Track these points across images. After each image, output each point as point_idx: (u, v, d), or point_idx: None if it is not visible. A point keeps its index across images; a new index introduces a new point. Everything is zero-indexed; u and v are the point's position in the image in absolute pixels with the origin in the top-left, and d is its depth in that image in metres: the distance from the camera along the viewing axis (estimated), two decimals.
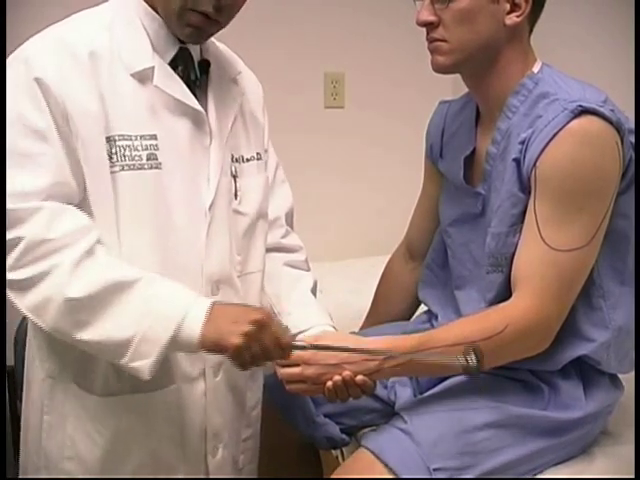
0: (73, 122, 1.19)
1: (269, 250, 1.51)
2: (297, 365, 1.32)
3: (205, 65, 1.35)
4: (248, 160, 1.41)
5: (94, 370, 1.28)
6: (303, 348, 1.27)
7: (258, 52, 2.47)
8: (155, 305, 1.18)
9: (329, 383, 1.31)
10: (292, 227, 1.61)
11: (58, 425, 1.32)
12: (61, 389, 1.32)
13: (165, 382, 1.30)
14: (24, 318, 1.87)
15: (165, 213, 1.26)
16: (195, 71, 1.33)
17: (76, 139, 1.19)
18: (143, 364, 1.18)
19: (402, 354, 1.30)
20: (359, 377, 1.30)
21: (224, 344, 1.18)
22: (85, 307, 1.16)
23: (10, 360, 1.91)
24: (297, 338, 1.35)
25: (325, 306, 1.51)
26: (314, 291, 1.54)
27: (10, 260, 1.15)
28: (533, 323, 1.31)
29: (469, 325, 1.35)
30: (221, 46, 1.43)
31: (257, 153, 1.44)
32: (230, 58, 1.43)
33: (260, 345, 1.20)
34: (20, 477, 1.44)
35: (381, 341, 1.35)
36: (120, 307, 1.17)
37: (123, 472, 1.33)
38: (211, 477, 1.41)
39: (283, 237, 1.56)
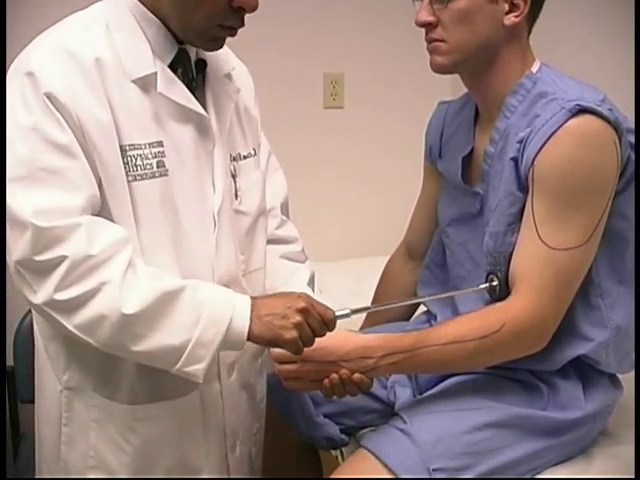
0: (89, 134, 1.16)
1: None
2: (295, 362, 1.32)
3: (202, 64, 1.33)
4: (245, 157, 1.41)
5: (118, 379, 1.28)
6: (346, 316, 1.30)
7: (257, 52, 2.46)
8: (204, 310, 1.20)
9: (326, 381, 1.31)
10: (287, 216, 1.60)
11: (79, 436, 1.31)
12: (81, 400, 1.31)
13: (189, 388, 1.31)
14: (24, 318, 1.89)
15: (175, 219, 1.25)
16: (192, 71, 1.31)
17: (93, 151, 1.17)
18: (197, 368, 1.20)
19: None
20: (356, 375, 1.31)
21: (281, 340, 1.23)
22: (140, 321, 1.16)
23: (10, 360, 1.91)
24: None
25: (323, 299, 1.51)
26: (311, 283, 1.54)
27: (54, 280, 1.13)
28: (530, 322, 1.32)
29: (466, 324, 1.35)
30: None
31: (253, 149, 1.43)
32: (223, 53, 1.39)
33: (310, 329, 1.24)
34: (21, 477, 1.44)
35: (378, 338, 1.35)
36: (173, 317, 1.18)
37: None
38: (211, 477, 1.41)
39: (277, 228, 1.56)
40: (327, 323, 1.26)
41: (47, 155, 1.14)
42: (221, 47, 1.29)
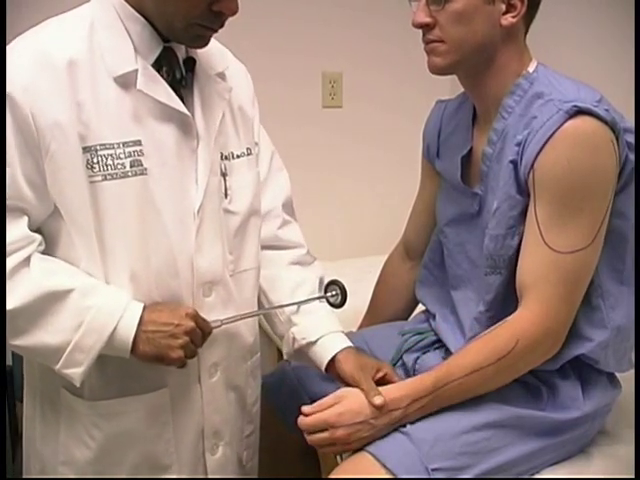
0: (43, 136, 1.17)
1: (267, 247, 1.51)
2: (325, 430, 1.32)
3: (191, 63, 1.33)
4: (238, 156, 1.40)
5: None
6: (218, 327, 1.32)
7: (256, 52, 2.46)
8: (87, 316, 1.21)
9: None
10: (292, 216, 1.60)
11: (52, 432, 1.34)
12: (53, 396, 1.32)
13: (154, 386, 1.32)
14: None
15: (152, 218, 1.26)
16: (180, 70, 1.31)
17: (45, 154, 1.18)
18: (74, 371, 1.22)
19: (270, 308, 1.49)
20: None
21: (167, 359, 1.25)
22: (20, 317, 1.19)
23: (8, 360, 1.91)
24: (308, 351, 1.46)
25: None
26: (320, 287, 1.55)
27: None
28: (543, 332, 1.32)
29: (481, 349, 1.35)
30: None
31: (247, 148, 1.43)
32: (217, 52, 1.40)
33: (194, 345, 1.28)
34: (22, 477, 1.44)
35: (401, 388, 1.35)
36: (54, 317, 1.21)
37: (117, 474, 1.34)
38: (209, 477, 1.41)
39: (280, 228, 1.55)
40: (205, 337, 1.30)
41: None
42: (206, 44, 1.29)
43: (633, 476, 1.19)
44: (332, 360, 1.43)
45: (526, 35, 1.43)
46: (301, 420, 1.34)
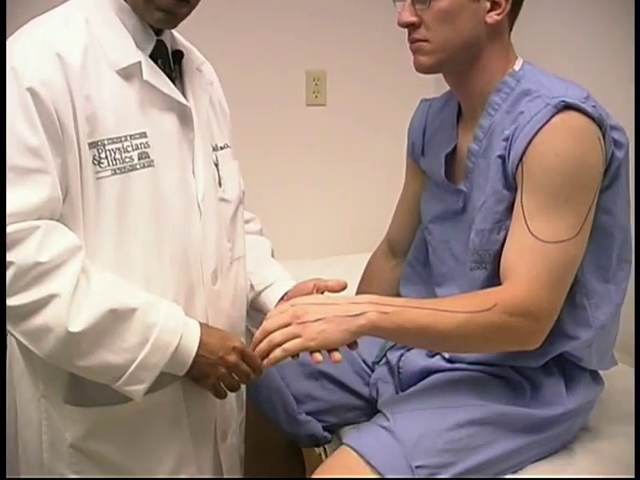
0: (65, 130, 1.15)
1: None
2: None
3: (178, 56, 1.34)
4: (222, 148, 1.42)
5: (85, 384, 1.25)
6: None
7: (240, 49, 2.46)
8: (152, 335, 1.20)
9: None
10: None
11: (59, 443, 1.30)
12: (56, 407, 1.29)
13: (166, 381, 1.29)
14: None
15: (160, 210, 1.25)
16: (170, 63, 1.32)
17: (69, 149, 1.16)
18: (136, 389, 1.21)
19: None
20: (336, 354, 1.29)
21: (201, 383, 1.30)
22: (86, 338, 1.16)
23: None
24: (262, 294, 1.50)
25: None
26: (272, 255, 1.61)
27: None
28: (521, 307, 1.28)
29: (459, 299, 1.34)
30: (179, 36, 1.41)
31: (225, 143, 1.44)
32: (192, 48, 1.41)
33: (238, 378, 1.31)
34: (21, 477, 1.42)
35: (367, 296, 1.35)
36: (120, 337, 1.18)
37: (139, 472, 1.32)
38: (208, 477, 1.41)
39: None
40: (254, 369, 1.30)
41: (16, 154, 1.13)
42: (174, 22, 1.27)
43: (633, 476, 1.18)
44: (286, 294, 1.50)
45: (510, 33, 1.44)
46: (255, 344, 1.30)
